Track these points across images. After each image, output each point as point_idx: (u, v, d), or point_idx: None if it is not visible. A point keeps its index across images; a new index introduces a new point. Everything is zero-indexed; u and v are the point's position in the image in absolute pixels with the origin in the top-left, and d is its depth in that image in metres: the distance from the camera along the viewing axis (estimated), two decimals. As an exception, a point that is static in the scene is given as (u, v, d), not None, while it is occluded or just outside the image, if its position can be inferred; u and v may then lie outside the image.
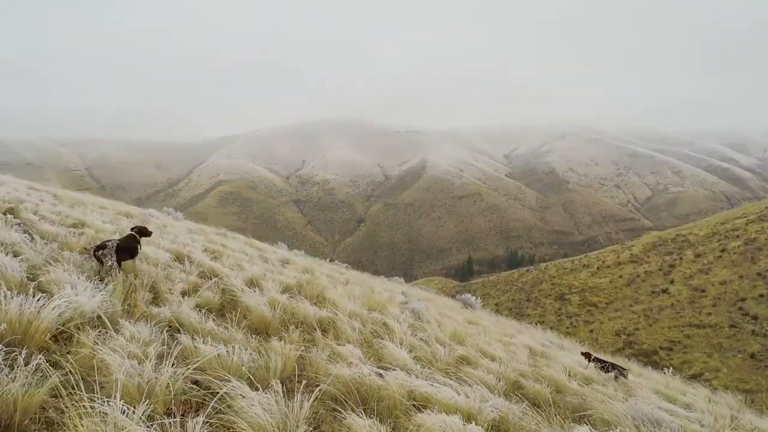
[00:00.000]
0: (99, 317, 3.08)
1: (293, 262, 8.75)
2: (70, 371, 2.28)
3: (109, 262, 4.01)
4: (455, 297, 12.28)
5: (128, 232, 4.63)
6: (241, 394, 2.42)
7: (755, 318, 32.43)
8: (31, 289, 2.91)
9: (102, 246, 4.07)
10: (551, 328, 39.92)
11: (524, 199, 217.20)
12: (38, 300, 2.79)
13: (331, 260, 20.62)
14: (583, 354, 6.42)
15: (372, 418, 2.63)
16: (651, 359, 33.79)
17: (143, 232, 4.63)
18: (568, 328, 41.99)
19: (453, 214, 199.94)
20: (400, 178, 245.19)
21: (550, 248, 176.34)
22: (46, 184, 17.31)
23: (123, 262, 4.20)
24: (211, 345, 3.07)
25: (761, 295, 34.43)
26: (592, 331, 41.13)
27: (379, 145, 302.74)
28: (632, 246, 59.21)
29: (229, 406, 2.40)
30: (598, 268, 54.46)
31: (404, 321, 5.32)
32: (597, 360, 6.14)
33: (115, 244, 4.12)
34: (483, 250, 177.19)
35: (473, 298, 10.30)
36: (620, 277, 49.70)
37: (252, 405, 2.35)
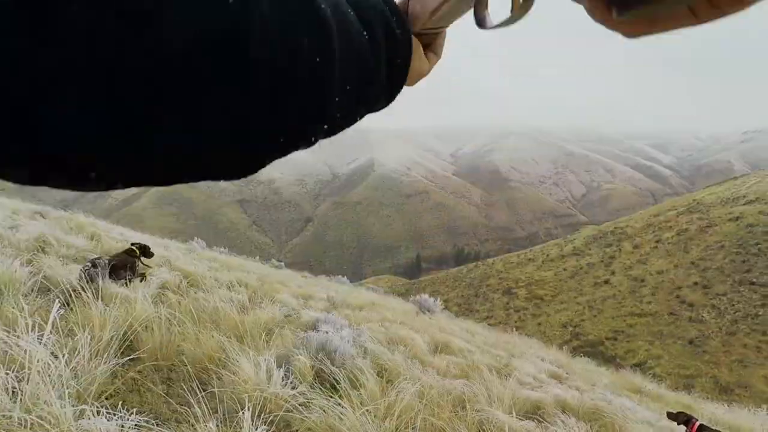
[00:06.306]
0: None
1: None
2: None
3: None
4: (407, 298, 10.51)
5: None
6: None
7: (691, 305, 33.74)
8: None
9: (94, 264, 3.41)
10: (500, 324, 39.74)
11: (470, 197, 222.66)
12: None
13: (263, 259, 18.21)
14: (671, 417, 3.50)
15: None
16: (597, 349, 34.27)
17: (145, 251, 4.04)
18: (516, 322, 42.00)
19: (401, 212, 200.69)
20: (349, 176, 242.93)
21: (494, 244, 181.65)
22: None
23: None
24: None
25: (695, 283, 35.98)
26: (540, 324, 41.39)
27: (327, 144, 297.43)
28: (574, 239, 61.04)
29: None
30: (543, 262, 55.48)
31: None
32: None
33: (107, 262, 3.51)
34: (431, 248, 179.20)
35: (431, 299, 8.55)
36: (564, 269, 50.78)
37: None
